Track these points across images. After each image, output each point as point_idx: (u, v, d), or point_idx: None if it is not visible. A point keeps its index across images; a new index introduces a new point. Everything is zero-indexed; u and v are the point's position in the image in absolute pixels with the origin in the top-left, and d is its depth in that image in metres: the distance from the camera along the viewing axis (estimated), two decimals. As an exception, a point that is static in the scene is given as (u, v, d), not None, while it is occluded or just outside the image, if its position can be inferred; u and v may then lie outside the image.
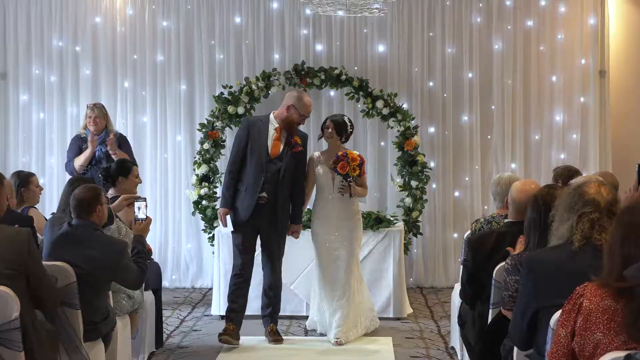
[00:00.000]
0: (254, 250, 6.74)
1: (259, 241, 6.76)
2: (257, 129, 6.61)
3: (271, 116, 6.67)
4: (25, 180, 6.18)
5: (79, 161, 7.46)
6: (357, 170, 6.59)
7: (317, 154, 6.89)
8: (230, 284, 6.69)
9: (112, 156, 7.31)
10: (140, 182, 6.65)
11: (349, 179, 6.60)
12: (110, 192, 6.11)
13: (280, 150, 6.58)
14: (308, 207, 7.10)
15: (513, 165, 9.15)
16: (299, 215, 6.82)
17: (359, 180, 6.71)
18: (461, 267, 5.44)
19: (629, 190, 4.71)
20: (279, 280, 6.76)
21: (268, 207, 6.55)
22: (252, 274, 6.73)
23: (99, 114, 7.53)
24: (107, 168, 6.35)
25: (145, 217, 5.30)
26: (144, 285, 5.96)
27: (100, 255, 4.76)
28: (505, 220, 4.93)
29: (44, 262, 4.40)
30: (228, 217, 6.68)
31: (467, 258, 4.93)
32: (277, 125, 6.59)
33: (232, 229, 6.71)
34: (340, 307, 6.71)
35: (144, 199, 5.45)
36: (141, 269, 5.02)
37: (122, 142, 7.66)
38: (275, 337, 6.64)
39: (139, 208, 5.33)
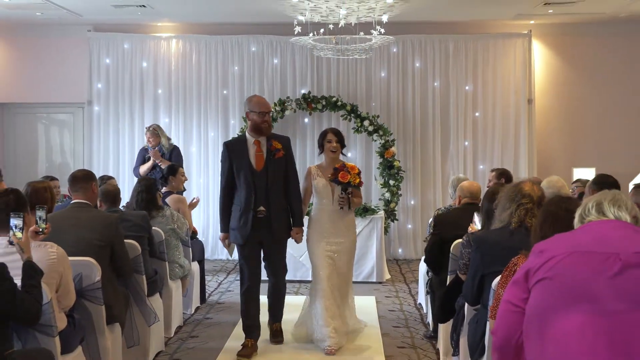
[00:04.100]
0: (260, 262, 5.19)
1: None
2: (237, 150, 5.05)
3: (247, 134, 5.11)
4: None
5: (143, 169, 7.53)
6: (358, 178, 5.12)
7: (314, 167, 5.34)
8: (242, 300, 5.22)
9: (159, 164, 7.36)
10: (187, 180, 6.72)
11: (348, 190, 5.11)
12: (164, 189, 6.17)
13: (264, 161, 5.00)
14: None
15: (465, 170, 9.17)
16: (299, 218, 5.15)
17: (357, 190, 5.22)
18: (425, 242, 5.39)
19: None
20: (283, 287, 5.30)
21: (265, 219, 5.01)
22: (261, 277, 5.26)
23: (152, 134, 7.58)
24: (162, 171, 6.56)
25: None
26: (191, 256, 6.00)
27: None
28: (462, 203, 4.99)
29: None
30: (233, 246, 5.24)
31: (434, 232, 4.94)
32: (253, 140, 5.04)
33: (239, 245, 5.14)
34: (339, 317, 5.19)
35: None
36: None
37: (173, 152, 7.65)
38: (276, 338, 5.29)
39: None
